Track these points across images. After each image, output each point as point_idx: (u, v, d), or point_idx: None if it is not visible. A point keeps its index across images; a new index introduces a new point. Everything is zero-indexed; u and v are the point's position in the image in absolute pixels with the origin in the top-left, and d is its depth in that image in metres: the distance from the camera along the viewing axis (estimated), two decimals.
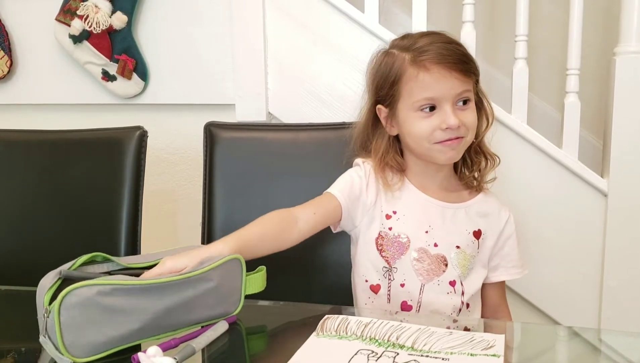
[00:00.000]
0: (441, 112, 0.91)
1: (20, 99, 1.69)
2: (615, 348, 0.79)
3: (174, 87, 1.57)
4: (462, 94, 0.91)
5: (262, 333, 0.84)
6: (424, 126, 0.92)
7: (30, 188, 1.21)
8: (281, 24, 1.45)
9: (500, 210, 1.03)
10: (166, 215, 1.64)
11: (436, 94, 0.90)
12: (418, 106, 0.92)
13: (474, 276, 1.00)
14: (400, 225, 0.97)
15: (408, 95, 0.93)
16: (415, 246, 0.96)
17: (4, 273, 1.14)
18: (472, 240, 0.99)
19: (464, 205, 1.00)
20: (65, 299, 0.65)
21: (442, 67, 0.90)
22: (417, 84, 0.91)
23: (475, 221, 1.00)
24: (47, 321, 0.66)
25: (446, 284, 0.97)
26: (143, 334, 0.70)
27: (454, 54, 0.91)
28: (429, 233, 0.97)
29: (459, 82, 0.90)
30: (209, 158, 1.18)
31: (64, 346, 0.65)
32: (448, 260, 0.97)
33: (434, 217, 0.98)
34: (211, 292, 0.76)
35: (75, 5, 1.55)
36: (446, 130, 0.90)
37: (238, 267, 0.80)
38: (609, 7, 1.60)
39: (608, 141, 1.36)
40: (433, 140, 0.92)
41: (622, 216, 1.34)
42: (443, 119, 0.90)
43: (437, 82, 0.90)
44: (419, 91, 0.91)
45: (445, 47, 0.91)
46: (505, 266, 1.03)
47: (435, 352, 0.69)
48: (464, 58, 0.92)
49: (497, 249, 1.02)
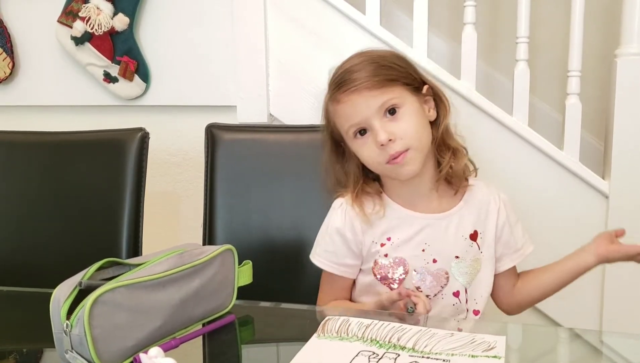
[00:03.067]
0: (373, 131, 0.90)
1: (22, 101, 1.70)
2: (617, 350, 0.79)
3: (176, 88, 1.58)
4: (383, 106, 0.89)
5: (263, 334, 0.84)
6: (366, 151, 0.91)
7: (31, 189, 1.21)
8: (282, 25, 1.45)
9: (489, 201, 0.99)
10: (168, 217, 1.65)
11: (357, 119, 0.90)
12: (351, 134, 0.92)
13: (482, 279, 0.98)
14: (396, 250, 0.95)
15: (340, 127, 0.94)
16: (415, 267, 0.95)
17: (6, 274, 1.14)
18: (469, 244, 0.97)
19: (455, 210, 0.97)
20: (92, 309, 0.64)
21: (349, 93, 0.90)
22: (339, 116, 0.93)
23: (469, 222, 0.97)
24: (71, 336, 0.64)
25: (450, 296, 0.96)
26: (164, 332, 0.72)
27: (360, 76, 0.90)
28: (425, 251, 0.95)
29: (373, 98, 0.89)
30: (210, 160, 1.18)
31: (98, 358, 0.64)
32: (449, 272, 0.96)
33: (427, 233, 0.95)
34: (212, 281, 0.78)
35: (77, 7, 1.55)
36: (382, 147, 0.89)
37: (231, 258, 0.83)
38: (610, 9, 1.60)
39: (609, 143, 1.36)
40: (382, 161, 0.90)
41: (623, 217, 1.34)
42: (374, 138, 0.89)
43: (351, 109, 0.90)
44: (343, 122, 0.92)
45: (354, 70, 0.91)
46: (508, 253, 1.01)
47: (436, 353, 0.69)
48: (372, 73, 0.90)
49: (497, 240, 1.00)
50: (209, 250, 0.80)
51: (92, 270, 0.71)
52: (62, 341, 0.65)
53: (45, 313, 0.67)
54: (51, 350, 0.68)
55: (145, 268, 0.73)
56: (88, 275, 0.69)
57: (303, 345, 0.71)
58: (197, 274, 0.77)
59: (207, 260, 0.78)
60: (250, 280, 0.87)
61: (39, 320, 0.70)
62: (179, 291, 0.74)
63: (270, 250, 1.14)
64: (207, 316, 0.79)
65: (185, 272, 0.75)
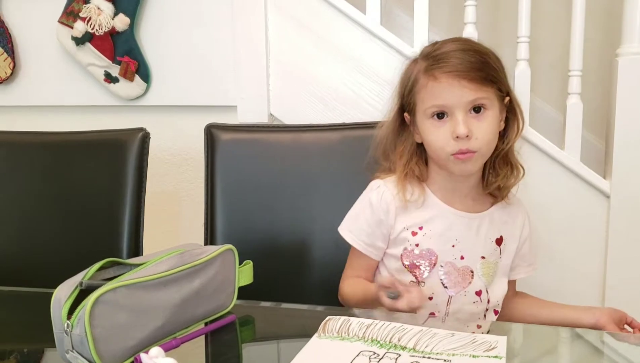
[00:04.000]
0: (452, 120, 0.90)
1: (23, 101, 1.70)
2: (618, 350, 0.79)
3: (176, 88, 1.58)
4: (474, 102, 0.90)
5: (264, 334, 0.84)
6: (436, 135, 0.91)
7: (32, 189, 1.22)
8: (283, 25, 1.45)
9: (518, 213, 1.03)
10: (168, 217, 1.65)
11: (445, 102, 0.90)
12: (430, 113, 0.92)
13: (498, 283, 1.00)
14: (427, 241, 0.96)
15: (421, 102, 0.93)
16: (443, 261, 0.96)
17: (7, 274, 1.14)
18: (494, 247, 0.99)
19: (488, 213, 0.99)
20: (93, 309, 0.64)
21: (450, 76, 0.89)
22: (427, 92, 0.92)
23: (497, 228, 1.00)
24: (71, 336, 0.64)
25: (472, 294, 0.97)
26: (164, 332, 0.72)
27: (465, 62, 0.89)
28: (455, 246, 0.96)
29: (469, 90, 0.89)
30: (210, 160, 1.18)
31: (99, 358, 0.64)
32: (474, 271, 0.97)
33: (459, 230, 0.97)
34: (212, 281, 0.78)
35: (78, 7, 1.55)
36: (457, 139, 0.89)
37: (232, 258, 0.83)
38: (611, 8, 1.60)
39: (610, 142, 1.36)
40: (449, 151, 0.90)
41: (625, 217, 1.34)
42: (454, 127, 0.89)
43: (445, 91, 0.90)
44: (429, 99, 0.92)
45: (458, 55, 0.90)
46: (522, 265, 1.05)
47: (437, 353, 0.69)
48: (478, 66, 0.90)
49: (517, 251, 1.03)
50: (209, 250, 0.80)
51: (93, 270, 0.71)
52: (62, 341, 0.65)
53: (46, 313, 0.67)
54: (52, 350, 0.69)
55: (146, 268, 0.73)
56: (89, 275, 0.69)
57: (304, 345, 0.71)
58: (197, 274, 0.77)
59: (208, 259, 0.78)
60: (251, 280, 0.87)
61: (39, 320, 0.70)
62: (180, 291, 0.73)
63: (271, 250, 1.15)
64: (208, 316, 0.79)
65: (186, 272, 0.75)
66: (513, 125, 0.97)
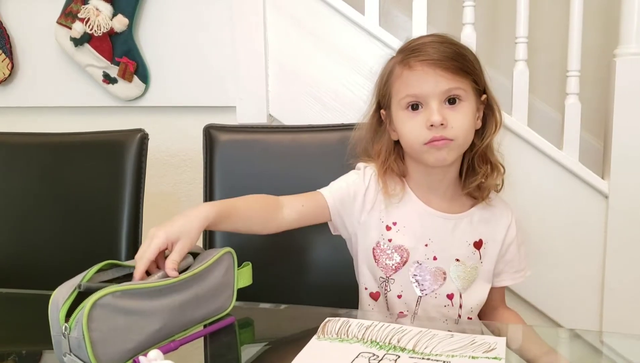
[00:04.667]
0: (427, 110, 0.89)
1: (22, 102, 1.70)
2: (617, 350, 0.79)
3: (175, 89, 1.58)
4: (449, 92, 0.89)
5: (263, 336, 0.84)
6: (411, 125, 0.91)
7: (31, 190, 1.21)
8: (282, 26, 1.45)
9: (502, 215, 1.00)
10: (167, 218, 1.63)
11: (419, 91, 0.89)
12: (404, 104, 0.91)
13: (476, 289, 0.98)
14: (400, 237, 0.96)
15: (396, 94, 0.93)
16: (414, 259, 0.95)
17: (5, 275, 1.14)
18: (472, 251, 0.97)
19: (466, 214, 0.98)
20: (91, 312, 0.63)
21: (425, 65, 0.89)
22: (402, 82, 0.91)
23: (477, 231, 0.98)
24: (69, 339, 0.64)
25: (443, 297, 0.96)
26: (163, 335, 0.71)
27: (441, 52, 0.89)
28: (428, 246, 0.95)
29: (444, 79, 0.88)
30: (209, 161, 1.18)
31: (97, 361, 0.64)
32: (447, 273, 0.96)
33: (434, 230, 0.96)
34: (212, 285, 0.78)
35: (77, 8, 1.55)
36: (431, 128, 0.88)
37: (230, 261, 0.83)
38: (609, 9, 1.60)
39: (609, 143, 1.36)
40: (422, 140, 0.89)
41: (623, 217, 1.34)
42: (428, 116, 0.88)
43: (420, 79, 0.89)
44: (403, 89, 0.91)
45: (434, 46, 0.90)
46: (508, 271, 1.02)
47: (436, 354, 0.69)
48: (454, 56, 0.90)
49: (500, 256, 1.00)
50: (208, 257, 0.79)
51: (92, 272, 0.70)
52: (60, 344, 0.65)
53: (44, 315, 0.67)
54: (50, 353, 0.68)
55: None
56: (87, 277, 0.69)
57: (303, 347, 0.71)
58: (197, 279, 0.76)
59: (207, 266, 0.78)
60: (250, 282, 0.87)
61: (37, 322, 0.69)
62: (179, 295, 0.73)
63: (270, 251, 1.14)
64: (207, 318, 0.79)
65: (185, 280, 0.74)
66: (491, 122, 0.96)
